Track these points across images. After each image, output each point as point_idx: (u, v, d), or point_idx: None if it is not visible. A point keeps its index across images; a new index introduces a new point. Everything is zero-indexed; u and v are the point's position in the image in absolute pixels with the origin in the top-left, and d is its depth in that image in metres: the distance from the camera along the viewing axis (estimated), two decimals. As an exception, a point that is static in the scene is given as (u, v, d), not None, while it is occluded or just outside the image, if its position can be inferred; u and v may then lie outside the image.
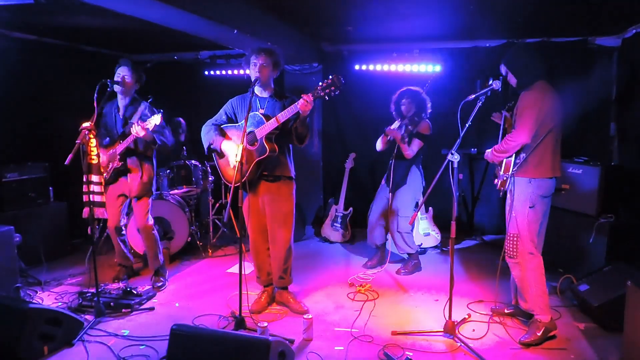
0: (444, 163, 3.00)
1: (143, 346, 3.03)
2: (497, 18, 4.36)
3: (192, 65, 6.26)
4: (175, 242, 4.77)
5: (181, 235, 4.77)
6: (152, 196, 3.99)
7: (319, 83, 3.08)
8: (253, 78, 3.31)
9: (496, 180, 3.25)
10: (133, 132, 3.57)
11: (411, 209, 4.31)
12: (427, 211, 5.12)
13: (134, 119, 3.73)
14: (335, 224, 5.46)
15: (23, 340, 2.74)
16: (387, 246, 4.49)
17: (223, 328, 3.27)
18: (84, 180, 3.37)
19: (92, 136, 3.34)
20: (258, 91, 3.43)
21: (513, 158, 3.05)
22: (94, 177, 3.41)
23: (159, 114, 3.59)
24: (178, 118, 5.34)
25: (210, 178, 5.21)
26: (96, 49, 5.77)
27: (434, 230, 5.11)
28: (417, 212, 3.55)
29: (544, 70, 3.05)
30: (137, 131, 3.54)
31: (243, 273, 3.11)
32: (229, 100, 3.56)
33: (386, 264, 4.51)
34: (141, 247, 4.44)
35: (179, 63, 6.31)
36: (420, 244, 4.80)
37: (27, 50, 4.93)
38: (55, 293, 3.88)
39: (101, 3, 3.02)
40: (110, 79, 3.66)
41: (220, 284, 4.13)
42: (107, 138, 3.81)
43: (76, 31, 4.82)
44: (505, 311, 3.41)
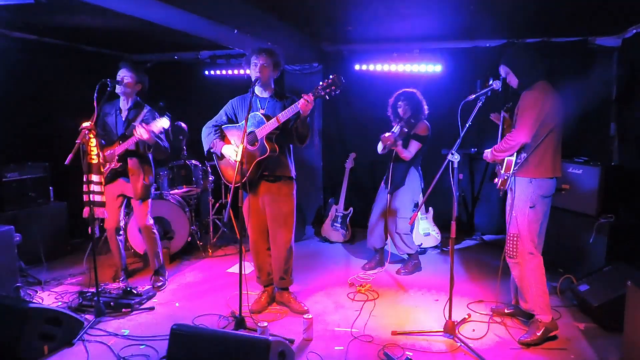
0: (444, 163, 3.00)
1: (143, 346, 3.03)
2: (497, 18, 4.35)
3: (193, 65, 6.26)
4: (175, 242, 4.77)
5: (181, 235, 4.77)
6: (152, 196, 3.99)
7: (319, 82, 3.08)
8: (253, 78, 3.30)
9: (496, 179, 3.25)
10: (137, 135, 3.57)
11: (410, 210, 4.31)
12: (427, 211, 5.12)
13: (137, 122, 3.75)
14: (335, 224, 5.46)
15: (23, 340, 2.74)
16: (387, 247, 4.49)
17: (223, 328, 3.27)
18: (84, 180, 3.37)
19: (92, 136, 3.34)
20: (258, 91, 3.43)
21: (514, 157, 3.05)
22: (94, 177, 3.40)
23: (167, 117, 3.62)
24: (179, 122, 5.34)
25: (210, 178, 5.21)
26: (96, 49, 5.77)
27: (434, 230, 5.11)
28: (417, 212, 3.55)
29: (545, 70, 3.05)
30: (141, 133, 3.55)
31: (243, 273, 3.12)
32: (229, 100, 3.56)
33: (385, 266, 4.51)
34: (141, 247, 4.44)
35: (179, 63, 6.31)
36: (420, 244, 4.80)
37: (27, 50, 4.93)
38: (55, 293, 3.89)
39: (101, 3, 3.01)
40: (110, 79, 3.66)
41: (220, 284, 4.13)
42: (103, 139, 3.80)
43: (76, 31, 4.82)
44: (505, 311, 3.41)
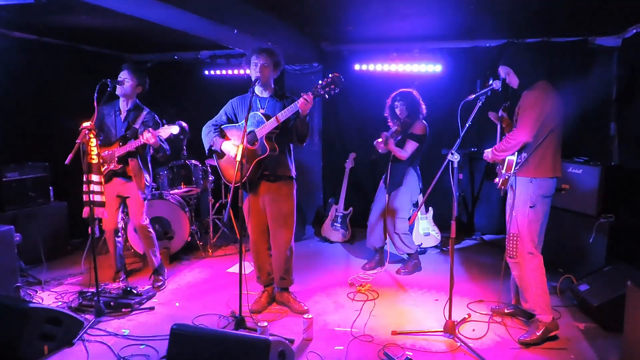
0: (444, 163, 3.00)
1: (143, 346, 3.03)
2: (497, 18, 4.35)
3: (193, 65, 6.26)
4: (175, 242, 4.77)
5: (181, 234, 4.77)
6: (149, 197, 4.02)
7: (319, 81, 3.08)
8: (253, 78, 3.31)
9: (497, 179, 3.25)
10: (143, 138, 3.60)
11: (408, 210, 4.31)
12: (427, 211, 5.12)
13: (137, 124, 3.77)
14: (335, 224, 5.46)
15: (23, 339, 2.74)
16: (387, 247, 4.49)
17: (223, 328, 3.27)
18: (84, 179, 3.37)
19: (92, 136, 3.34)
20: (258, 91, 3.43)
21: (515, 157, 3.05)
22: (94, 177, 3.40)
23: (177, 125, 3.68)
24: (179, 121, 5.34)
25: (210, 178, 5.21)
26: (96, 49, 5.77)
27: (434, 230, 5.11)
28: (417, 212, 3.55)
29: (546, 70, 3.05)
30: (148, 138, 3.58)
31: (243, 273, 3.12)
32: (229, 100, 3.57)
33: (385, 266, 4.51)
34: (142, 247, 4.44)
35: (179, 63, 6.31)
36: (420, 244, 4.80)
37: (27, 50, 4.93)
38: (55, 292, 3.89)
39: (101, 3, 3.01)
40: (110, 79, 3.67)
41: (220, 284, 4.13)
42: (100, 140, 3.80)
43: (76, 31, 4.83)
44: (505, 311, 3.41)
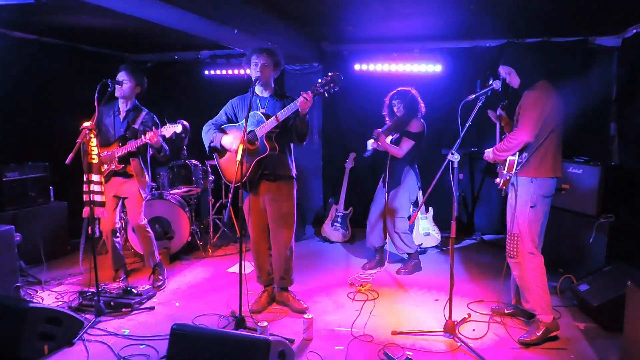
0: (444, 163, 3.00)
1: (143, 345, 3.03)
2: (497, 18, 4.35)
3: (193, 64, 6.26)
4: (175, 242, 4.77)
5: (181, 234, 4.77)
6: (148, 197, 4.03)
7: (318, 80, 3.09)
8: (254, 78, 3.31)
9: (498, 179, 3.25)
10: (146, 138, 3.62)
11: (408, 209, 4.31)
12: (427, 211, 5.12)
13: (137, 125, 3.79)
14: (335, 224, 5.46)
15: (23, 339, 2.74)
16: (386, 247, 4.49)
17: (223, 328, 3.27)
18: (85, 179, 3.37)
19: (93, 136, 3.34)
20: (259, 91, 3.43)
21: (516, 157, 3.04)
22: (94, 177, 3.40)
23: (180, 124, 3.68)
24: (180, 120, 5.34)
25: (210, 178, 5.21)
26: (96, 49, 5.78)
27: (434, 230, 5.11)
28: (417, 212, 3.54)
29: (546, 70, 3.05)
30: (150, 137, 3.59)
31: (243, 272, 3.12)
32: (229, 100, 3.57)
33: (385, 265, 4.51)
34: (140, 247, 4.44)
35: (180, 63, 6.31)
36: (420, 244, 4.80)
37: (28, 50, 4.93)
38: (55, 292, 3.89)
39: (101, 3, 3.02)
40: (111, 79, 3.68)
41: (220, 284, 4.13)
42: (99, 140, 3.81)
43: (76, 31, 4.83)
44: (505, 311, 3.41)
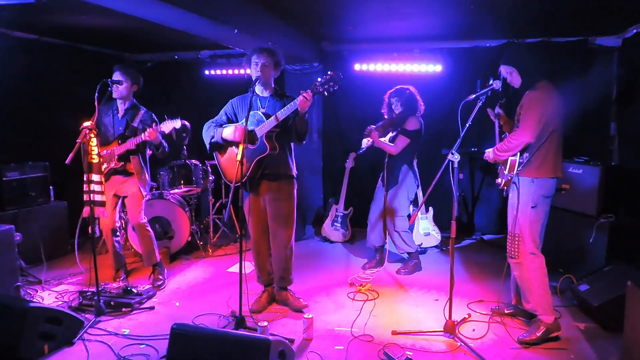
0: (444, 163, 3.00)
1: (143, 345, 3.03)
2: (498, 18, 4.36)
3: (193, 64, 6.26)
4: (175, 242, 4.77)
5: (181, 234, 4.77)
6: (147, 195, 4.04)
7: (318, 79, 3.10)
8: (254, 77, 3.31)
9: (499, 179, 3.25)
10: (145, 135, 3.62)
11: (407, 208, 4.31)
12: (427, 211, 5.12)
13: (136, 123, 3.80)
14: (335, 224, 5.46)
15: (23, 339, 2.74)
16: (386, 246, 4.49)
17: (223, 327, 3.27)
18: (85, 179, 3.38)
19: (93, 135, 3.35)
20: (259, 90, 3.43)
21: (517, 158, 3.04)
22: (95, 177, 3.41)
23: (179, 120, 3.69)
24: (183, 121, 5.34)
25: (210, 177, 5.21)
26: (97, 49, 5.77)
27: (434, 230, 5.11)
28: (418, 212, 3.54)
29: (547, 70, 3.05)
30: (150, 133, 3.60)
31: (243, 272, 3.11)
32: (230, 100, 3.57)
33: (384, 265, 4.50)
34: (140, 246, 4.44)
35: (180, 63, 6.31)
36: (420, 244, 4.80)
37: (28, 49, 4.93)
38: (55, 292, 3.89)
39: (102, 2, 3.02)
40: (111, 79, 3.69)
41: (220, 284, 4.14)
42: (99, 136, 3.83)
43: (77, 31, 4.83)
44: (505, 311, 3.40)
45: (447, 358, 2.90)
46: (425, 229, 5.07)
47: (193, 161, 5.12)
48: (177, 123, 3.69)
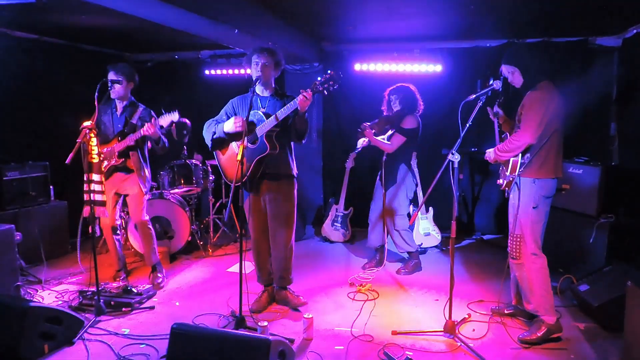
0: (444, 163, 3.00)
1: (143, 345, 3.03)
2: (498, 18, 4.36)
3: (193, 64, 6.26)
4: (175, 242, 4.77)
5: (182, 234, 4.77)
6: (147, 193, 4.05)
7: (318, 78, 3.10)
8: (254, 77, 3.31)
9: (500, 180, 3.24)
10: (144, 130, 3.63)
11: (406, 207, 4.31)
12: (427, 211, 5.12)
13: (134, 120, 3.81)
14: (335, 224, 5.46)
15: (24, 338, 2.74)
16: (386, 245, 4.48)
17: (223, 327, 3.27)
18: (85, 179, 3.38)
19: (93, 135, 3.35)
20: (259, 90, 3.43)
21: (519, 158, 3.03)
22: (95, 176, 3.41)
23: (176, 112, 3.69)
24: (183, 119, 5.34)
25: (210, 177, 5.21)
26: (97, 48, 5.77)
27: (435, 230, 5.11)
28: (418, 212, 3.54)
29: (549, 70, 3.04)
30: (148, 128, 3.60)
31: (243, 272, 3.12)
32: (230, 100, 3.57)
33: (384, 264, 4.50)
34: (141, 244, 4.44)
35: (180, 62, 6.31)
36: (420, 244, 4.80)
37: (28, 49, 4.93)
38: (55, 291, 3.89)
39: (102, 2, 3.02)
40: (111, 79, 3.69)
41: (220, 283, 4.14)
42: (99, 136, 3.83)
43: (77, 30, 4.82)
44: (505, 311, 3.40)
45: (447, 358, 2.90)
46: (425, 229, 5.07)
47: (193, 161, 5.12)
48: (175, 116, 3.69)
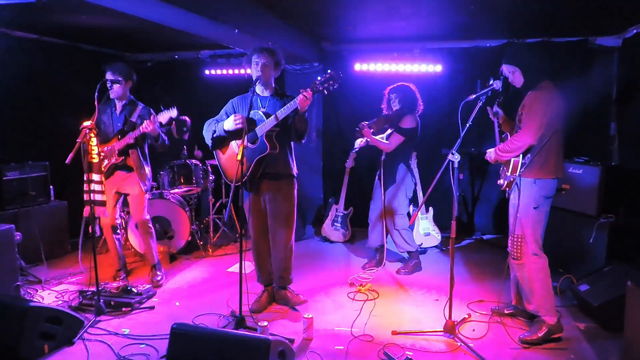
0: (444, 163, 3.00)
1: (143, 345, 3.03)
2: (498, 18, 4.35)
3: (193, 64, 6.26)
4: (175, 242, 4.77)
5: (182, 234, 4.77)
6: (148, 190, 4.06)
7: (318, 77, 3.09)
8: (254, 77, 3.31)
9: (501, 180, 3.23)
10: (143, 127, 3.64)
11: (406, 206, 4.31)
12: (427, 211, 5.12)
13: (134, 118, 3.83)
14: (335, 224, 5.46)
15: (24, 338, 2.74)
16: (386, 244, 4.48)
17: (223, 327, 3.27)
18: (85, 179, 3.38)
19: (93, 135, 3.35)
20: (259, 90, 3.43)
21: (520, 159, 3.02)
22: (95, 176, 3.41)
23: (175, 109, 3.70)
24: (183, 116, 5.34)
25: (210, 177, 5.21)
26: (97, 48, 5.77)
27: (435, 230, 5.11)
28: (418, 212, 3.54)
29: (550, 69, 3.04)
30: (147, 125, 3.61)
31: (243, 272, 3.12)
32: (230, 100, 3.57)
33: (383, 263, 4.50)
34: (141, 243, 4.44)
35: (180, 62, 6.31)
36: (420, 244, 4.80)
37: (28, 49, 4.93)
38: (55, 291, 3.89)
39: (102, 2, 3.02)
40: (110, 79, 3.70)
41: (220, 283, 4.13)
42: (99, 135, 3.84)
43: (77, 30, 4.83)
44: (505, 311, 3.40)
45: (447, 358, 2.90)
46: (425, 229, 5.07)
47: (193, 161, 5.12)
48: (174, 112, 3.70)
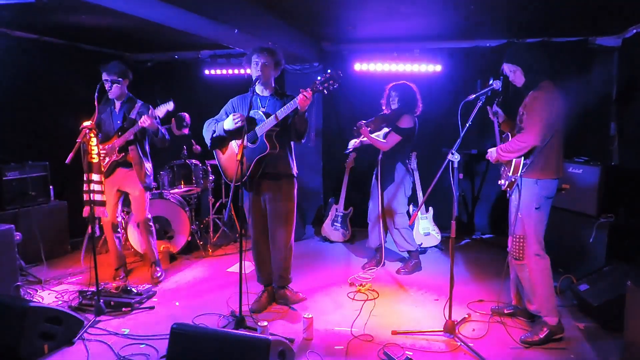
0: (444, 163, 3.00)
1: (143, 345, 3.03)
2: (497, 18, 4.36)
3: (193, 64, 6.27)
4: (175, 241, 4.77)
5: (181, 234, 4.77)
6: (151, 186, 4.07)
7: (318, 77, 3.10)
8: (254, 77, 3.31)
9: (502, 180, 3.23)
10: (140, 122, 3.65)
11: (405, 205, 4.31)
12: (427, 211, 5.12)
13: (133, 115, 3.84)
14: (335, 224, 5.46)
15: (23, 338, 2.74)
16: (386, 244, 4.48)
17: (223, 327, 3.27)
18: (85, 179, 3.38)
19: (93, 135, 3.36)
20: (259, 90, 3.43)
21: (522, 159, 3.01)
22: (95, 176, 3.42)
23: (171, 102, 3.72)
24: (182, 113, 5.35)
25: (210, 177, 5.21)
26: (97, 48, 5.77)
27: (434, 229, 5.11)
28: (418, 212, 3.54)
29: (550, 69, 3.04)
30: (144, 119, 3.62)
31: (243, 272, 3.11)
32: (230, 100, 3.57)
33: (383, 263, 4.49)
34: (141, 246, 4.45)
35: (180, 62, 6.31)
36: (420, 244, 4.80)
37: (28, 49, 4.93)
38: (55, 291, 3.89)
39: (102, 2, 3.02)
40: (110, 80, 3.71)
41: (220, 283, 4.13)
42: (100, 134, 3.86)
43: (77, 30, 4.83)
44: (505, 311, 3.40)
45: (447, 358, 2.90)
46: (425, 229, 5.07)
47: (193, 161, 5.12)
48: (170, 105, 3.73)
